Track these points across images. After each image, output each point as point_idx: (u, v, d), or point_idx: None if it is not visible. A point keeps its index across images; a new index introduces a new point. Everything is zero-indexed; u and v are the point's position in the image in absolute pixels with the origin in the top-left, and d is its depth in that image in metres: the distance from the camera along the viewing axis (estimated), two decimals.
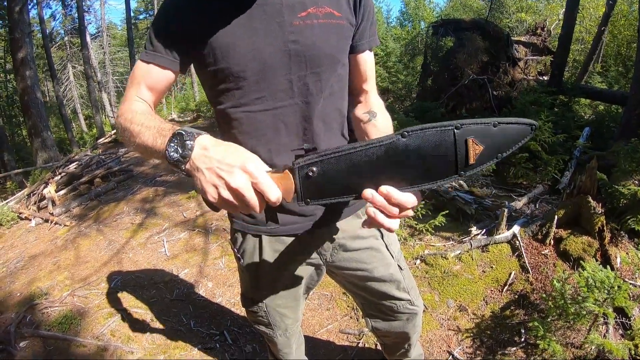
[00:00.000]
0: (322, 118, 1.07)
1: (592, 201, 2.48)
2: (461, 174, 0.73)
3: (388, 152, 0.73)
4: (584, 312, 1.85)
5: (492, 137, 0.71)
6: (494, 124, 0.70)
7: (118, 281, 2.95)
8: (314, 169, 0.75)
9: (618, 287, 1.77)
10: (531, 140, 3.78)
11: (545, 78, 6.63)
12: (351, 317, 2.40)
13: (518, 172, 3.79)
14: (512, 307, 2.28)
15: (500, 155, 0.72)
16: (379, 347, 2.08)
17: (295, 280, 1.25)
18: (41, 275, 3.16)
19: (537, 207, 3.19)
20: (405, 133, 0.72)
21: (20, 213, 4.52)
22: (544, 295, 2.15)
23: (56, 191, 4.81)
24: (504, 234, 2.68)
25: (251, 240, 1.19)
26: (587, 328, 1.97)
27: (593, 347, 1.90)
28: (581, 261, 2.25)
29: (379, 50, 7.96)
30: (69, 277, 3.08)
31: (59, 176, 5.23)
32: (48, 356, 2.30)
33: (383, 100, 1.23)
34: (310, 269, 1.27)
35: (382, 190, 0.74)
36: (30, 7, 10.78)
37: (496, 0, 13.54)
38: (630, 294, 1.99)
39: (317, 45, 0.99)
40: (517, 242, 2.61)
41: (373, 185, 0.75)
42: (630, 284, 2.12)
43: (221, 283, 2.85)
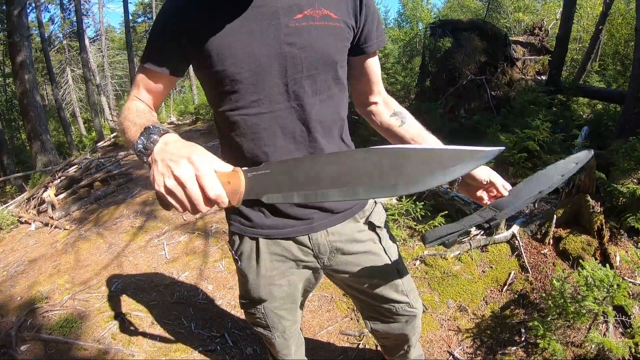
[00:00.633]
0: (320, 121, 1.07)
1: (591, 200, 2.48)
2: None
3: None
4: (584, 311, 1.85)
5: None
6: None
7: (118, 284, 2.95)
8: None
9: (617, 286, 1.77)
10: (529, 139, 3.79)
11: (543, 78, 6.64)
12: (351, 319, 2.40)
13: (517, 172, 3.79)
14: (512, 307, 2.28)
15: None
16: (379, 349, 2.08)
17: (292, 282, 1.25)
18: (41, 279, 3.16)
19: (536, 207, 3.19)
20: None
21: (20, 217, 4.52)
22: (544, 294, 2.15)
23: (56, 195, 4.81)
24: (503, 234, 2.68)
25: (248, 242, 1.20)
26: (587, 327, 1.97)
27: (593, 346, 1.91)
28: (580, 260, 2.26)
29: (377, 51, 7.97)
30: (70, 281, 3.08)
31: (59, 180, 5.23)
32: None
33: None
34: (307, 272, 1.27)
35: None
36: (29, 11, 10.80)
37: (493, 0, 13.55)
38: (629, 292, 2.00)
39: (313, 47, 0.99)
40: (517, 242, 2.61)
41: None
42: (629, 282, 2.12)
43: (221, 285, 2.85)
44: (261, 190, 0.75)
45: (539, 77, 6.74)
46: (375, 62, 1.19)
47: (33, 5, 13.65)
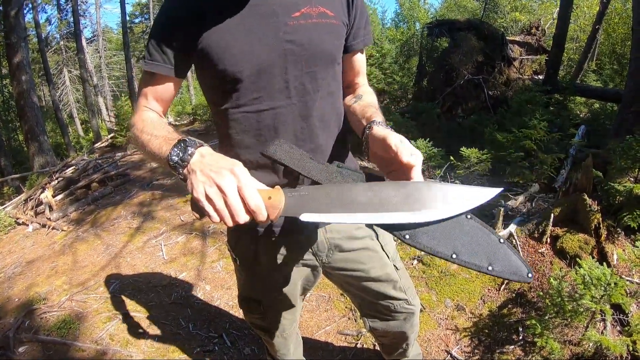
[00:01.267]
0: (320, 117, 1.07)
1: (588, 199, 2.49)
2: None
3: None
4: (581, 310, 1.86)
5: None
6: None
7: (116, 285, 2.94)
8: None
9: (615, 284, 1.78)
10: (527, 139, 3.80)
11: (540, 77, 6.66)
12: (349, 318, 2.40)
13: (514, 171, 3.80)
14: (510, 306, 2.29)
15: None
16: (377, 348, 2.08)
17: (291, 281, 1.25)
18: (39, 280, 3.15)
19: (534, 206, 3.20)
20: None
21: (17, 218, 4.50)
22: (541, 293, 2.16)
23: (53, 196, 4.79)
24: (501, 233, 2.69)
25: (247, 242, 1.20)
26: (585, 325, 1.98)
27: (591, 344, 1.91)
28: (578, 259, 2.26)
29: (375, 51, 7.98)
30: (67, 282, 3.07)
31: (56, 181, 5.22)
32: None
33: (379, 101, 1.24)
34: (306, 271, 1.27)
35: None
36: (26, 12, 10.78)
37: (490, 0, 13.58)
38: (627, 291, 2.01)
39: (312, 44, 1.00)
40: (514, 241, 2.62)
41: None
42: (627, 281, 2.13)
43: (219, 286, 2.85)
44: (299, 209, 0.80)
45: (536, 77, 6.77)
46: (359, 59, 1.20)
47: (30, 6, 13.63)
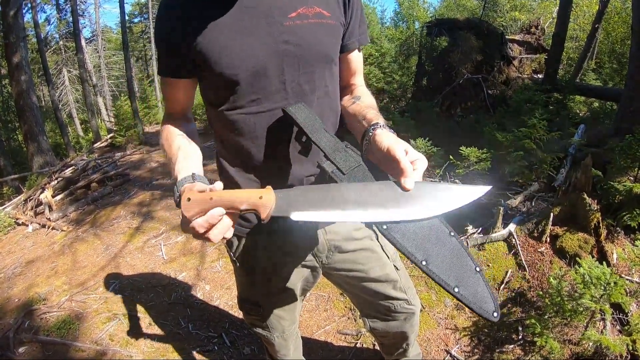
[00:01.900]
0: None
1: (588, 198, 2.49)
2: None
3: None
4: (581, 309, 1.86)
5: None
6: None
7: (116, 285, 2.94)
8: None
9: (614, 283, 1.78)
10: (526, 138, 3.80)
11: (539, 76, 6.66)
12: (349, 318, 2.40)
13: (513, 170, 3.80)
14: (509, 305, 2.29)
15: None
16: (377, 348, 2.08)
17: (290, 282, 1.25)
18: (39, 280, 3.15)
19: (533, 205, 3.19)
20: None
21: (17, 219, 4.50)
22: (541, 292, 2.16)
23: (53, 196, 4.79)
24: (500, 232, 2.69)
25: (247, 244, 1.20)
26: (585, 324, 1.98)
27: (590, 344, 1.91)
28: (577, 258, 2.26)
29: (374, 50, 7.97)
30: (67, 282, 3.07)
31: (56, 181, 5.21)
32: None
33: (378, 100, 1.24)
34: (305, 271, 1.26)
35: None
36: (25, 12, 10.76)
37: None
38: (626, 290, 2.01)
39: (309, 45, 0.99)
40: (514, 240, 2.62)
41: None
42: (626, 280, 2.13)
43: (219, 286, 2.84)
44: (290, 208, 0.81)
45: (536, 76, 6.77)
46: (355, 58, 1.18)
47: (29, 5, 13.60)
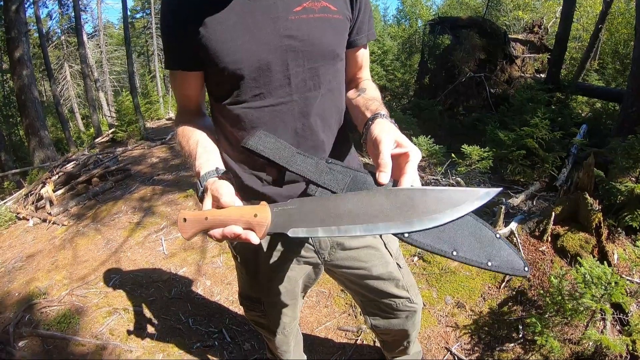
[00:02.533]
0: (320, 114, 1.06)
1: (589, 198, 2.48)
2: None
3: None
4: (582, 308, 1.86)
5: None
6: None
7: (116, 280, 2.94)
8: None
9: (615, 283, 1.77)
10: (528, 137, 3.79)
11: (542, 75, 6.64)
12: (349, 315, 2.40)
13: (515, 169, 3.80)
14: (510, 304, 2.29)
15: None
16: (377, 344, 2.09)
17: (292, 279, 1.25)
18: (39, 274, 3.16)
19: (535, 204, 3.19)
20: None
21: (18, 213, 4.50)
22: (542, 291, 2.15)
23: (54, 191, 4.79)
24: (502, 231, 2.68)
25: None
26: (585, 324, 1.98)
27: (590, 343, 1.91)
28: (578, 257, 2.26)
29: (376, 48, 7.96)
30: (67, 277, 3.07)
31: (57, 176, 5.21)
32: (47, 355, 2.30)
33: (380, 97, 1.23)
34: (307, 268, 1.26)
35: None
36: (26, 7, 10.75)
37: None
38: (627, 290, 2.00)
39: (314, 40, 0.98)
40: (515, 239, 2.61)
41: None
42: (627, 280, 2.13)
43: (219, 281, 2.85)
44: (287, 224, 0.79)
45: (538, 75, 6.75)
46: (363, 54, 1.18)
47: (31, 0, 13.59)
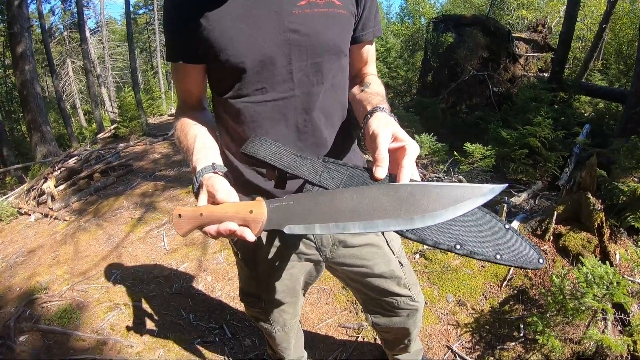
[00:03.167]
0: (323, 110, 1.05)
1: (592, 197, 2.48)
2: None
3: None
4: (583, 308, 1.85)
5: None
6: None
7: (117, 275, 2.95)
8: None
9: (617, 283, 1.77)
10: (531, 136, 3.78)
11: (545, 75, 6.62)
12: (350, 312, 2.40)
13: (518, 168, 3.79)
14: (511, 302, 2.28)
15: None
16: (378, 342, 2.09)
17: (293, 276, 1.24)
18: (41, 269, 3.16)
19: (537, 203, 3.19)
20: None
21: (19, 208, 4.51)
22: (543, 290, 2.15)
23: (55, 186, 4.80)
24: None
25: None
26: (586, 324, 1.98)
27: (592, 343, 1.91)
28: (580, 257, 2.25)
29: (379, 46, 7.94)
30: (69, 272, 3.08)
31: (58, 171, 5.22)
32: (47, 350, 2.30)
33: None
34: (309, 265, 1.26)
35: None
36: (29, 2, 10.73)
37: None
38: (629, 290, 2.00)
39: (318, 34, 0.97)
40: None
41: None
42: (629, 280, 2.12)
43: (220, 277, 2.85)
44: (283, 220, 0.78)
45: (542, 74, 6.73)
46: (368, 50, 1.17)
47: None
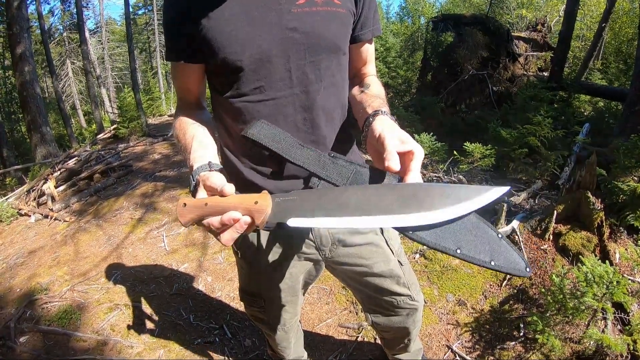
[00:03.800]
0: (323, 108, 1.05)
1: (592, 197, 2.48)
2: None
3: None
4: (583, 307, 1.85)
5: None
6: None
7: (118, 276, 2.95)
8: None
9: (617, 282, 1.77)
10: (531, 135, 3.78)
11: (545, 74, 6.62)
12: (350, 311, 2.40)
13: (517, 168, 3.79)
14: (511, 302, 2.28)
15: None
16: (378, 342, 2.09)
17: (293, 275, 1.24)
18: (41, 270, 3.16)
19: (537, 202, 3.19)
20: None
21: (19, 209, 4.51)
22: (543, 290, 2.15)
23: (55, 187, 4.80)
24: (503, 229, 2.68)
25: (249, 235, 1.19)
26: (586, 323, 1.98)
27: (592, 342, 1.91)
28: (580, 256, 2.25)
29: (379, 45, 7.93)
30: (69, 272, 3.08)
31: (58, 172, 5.22)
32: (48, 351, 2.30)
33: None
34: (308, 265, 1.26)
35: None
36: (28, 3, 10.73)
37: None
38: (628, 290, 2.00)
39: (317, 33, 0.97)
40: (517, 237, 2.61)
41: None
42: (629, 280, 2.12)
43: (220, 277, 2.85)
44: (287, 214, 0.78)
45: (541, 74, 6.72)
46: (368, 49, 1.17)
47: None
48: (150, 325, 2.45)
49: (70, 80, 20.58)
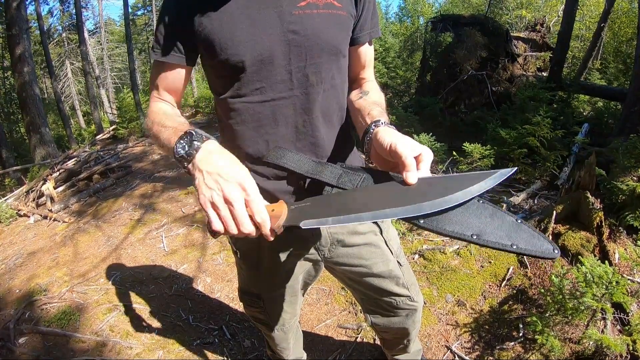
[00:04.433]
0: (322, 111, 1.05)
1: (591, 197, 2.48)
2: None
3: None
4: (582, 308, 1.85)
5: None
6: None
7: (117, 277, 2.95)
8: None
9: (616, 283, 1.77)
10: (530, 135, 3.78)
11: (544, 74, 6.63)
12: (349, 312, 2.40)
13: (517, 167, 3.79)
14: (511, 302, 2.28)
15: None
16: (377, 342, 2.08)
17: (292, 275, 1.24)
18: (40, 271, 3.16)
19: (536, 203, 3.19)
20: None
21: (19, 210, 4.51)
22: (542, 290, 2.15)
23: (54, 188, 4.80)
24: None
25: None
26: (585, 323, 1.98)
27: (591, 343, 1.91)
28: (579, 256, 2.25)
29: (378, 46, 7.95)
30: (68, 273, 3.08)
31: (58, 173, 5.22)
32: (47, 352, 2.30)
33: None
34: (308, 265, 1.26)
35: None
36: (27, 3, 10.73)
37: None
38: (628, 290, 1.99)
39: (317, 35, 0.98)
40: None
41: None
42: (628, 280, 2.12)
43: (220, 278, 2.85)
44: (300, 217, 0.80)
45: (540, 74, 6.73)
46: (366, 52, 1.16)
47: None
48: (149, 326, 2.44)
49: (69, 80, 20.57)
